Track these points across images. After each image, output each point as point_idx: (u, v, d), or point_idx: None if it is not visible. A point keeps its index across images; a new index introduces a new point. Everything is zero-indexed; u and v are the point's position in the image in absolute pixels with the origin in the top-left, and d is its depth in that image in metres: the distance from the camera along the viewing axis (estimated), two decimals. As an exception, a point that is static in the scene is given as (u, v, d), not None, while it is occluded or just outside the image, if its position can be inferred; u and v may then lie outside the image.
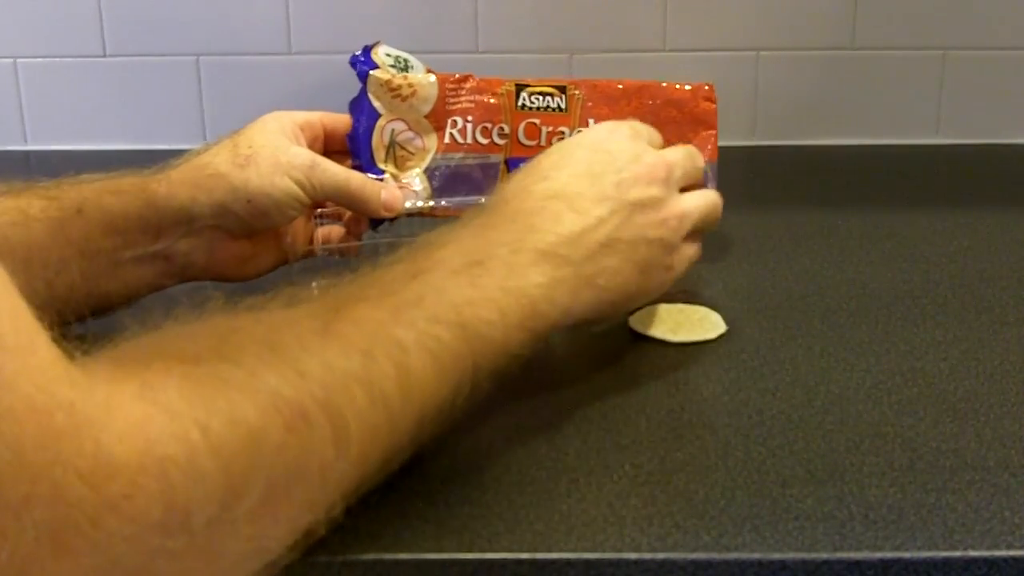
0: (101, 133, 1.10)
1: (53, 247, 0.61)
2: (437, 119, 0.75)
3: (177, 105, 1.10)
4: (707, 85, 0.79)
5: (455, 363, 0.48)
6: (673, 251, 0.60)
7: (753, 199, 0.93)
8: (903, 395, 0.59)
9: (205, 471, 0.36)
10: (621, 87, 0.77)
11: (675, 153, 0.62)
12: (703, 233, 0.64)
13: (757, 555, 0.46)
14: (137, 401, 0.36)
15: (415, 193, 0.74)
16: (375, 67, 0.74)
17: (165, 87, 1.09)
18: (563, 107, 0.76)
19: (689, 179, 0.62)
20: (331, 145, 0.73)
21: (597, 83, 0.77)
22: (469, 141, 0.76)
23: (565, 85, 0.77)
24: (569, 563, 0.46)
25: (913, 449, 0.54)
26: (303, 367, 0.42)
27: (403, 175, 0.75)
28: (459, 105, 0.75)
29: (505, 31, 1.07)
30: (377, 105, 0.74)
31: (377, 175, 0.74)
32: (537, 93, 0.76)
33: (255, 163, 0.66)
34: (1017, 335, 0.67)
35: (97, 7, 1.07)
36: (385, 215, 0.71)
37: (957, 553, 0.46)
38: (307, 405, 0.41)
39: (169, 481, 0.35)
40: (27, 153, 1.11)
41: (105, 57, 1.08)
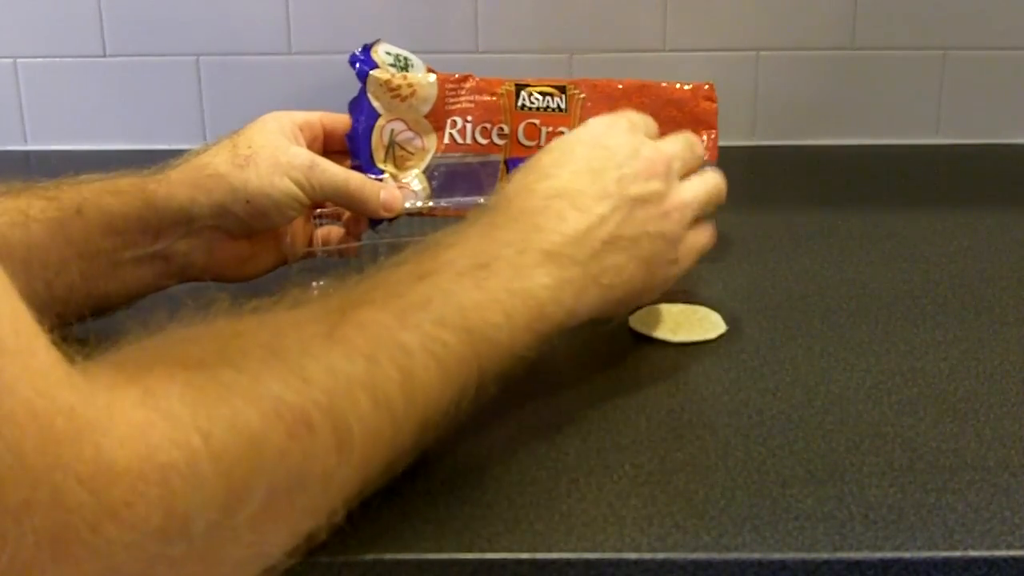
0: (101, 133, 1.10)
1: (52, 248, 0.61)
2: (437, 119, 0.75)
3: (177, 105, 1.10)
4: (707, 85, 0.79)
5: (460, 367, 0.48)
6: (678, 244, 0.60)
7: (753, 199, 0.93)
8: (903, 395, 0.59)
9: (206, 478, 0.36)
10: (621, 87, 0.77)
11: (673, 144, 0.62)
12: (712, 215, 0.63)
13: (757, 555, 0.46)
14: (138, 407, 0.36)
15: (414, 193, 0.74)
16: (375, 66, 0.74)
17: (165, 87, 1.09)
18: (563, 107, 0.76)
19: (688, 168, 0.62)
20: (330, 145, 0.73)
21: (597, 83, 0.77)
22: (469, 141, 0.76)
23: (565, 85, 0.77)
24: (569, 563, 0.46)
25: (913, 449, 0.54)
26: (307, 372, 0.42)
27: (402, 175, 0.75)
28: (459, 105, 0.75)
29: (505, 31, 1.07)
30: (376, 105, 0.74)
31: (376, 175, 0.74)
32: (537, 93, 0.76)
33: (254, 163, 0.66)
34: (1017, 335, 0.67)
35: (97, 7, 1.07)
36: (384, 215, 0.70)
37: (957, 553, 0.46)
38: (310, 411, 0.41)
39: (170, 488, 0.35)
40: (27, 153, 1.11)
41: (105, 57, 1.08)
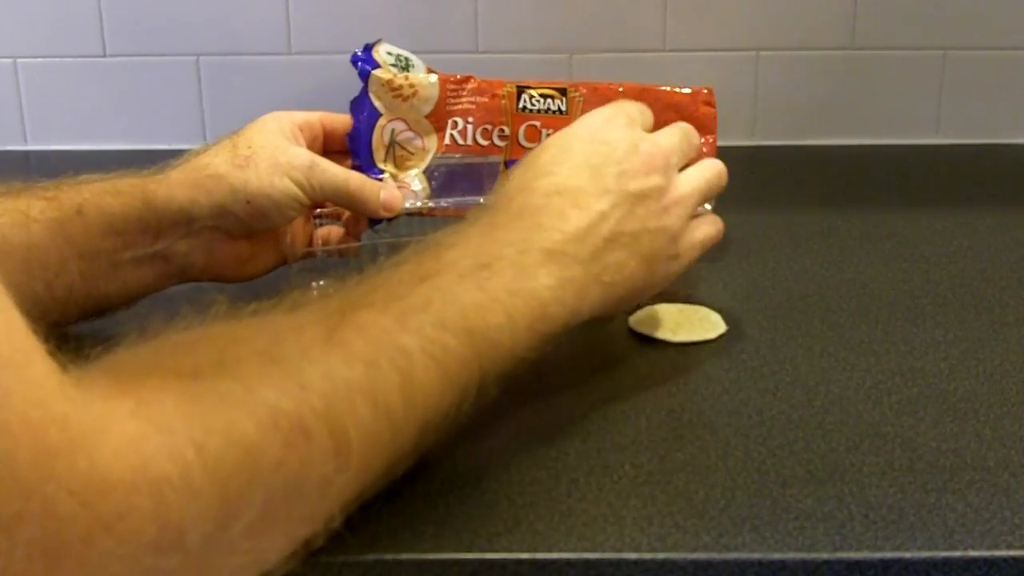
0: (101, 133, 1.10)
1: (52, 248, 0.61)
2: (437, 119, 0.75)
3: (177, 105, 1.10)
4: (706, 89, 0.79)
5: (461, 370, 0.48)
6: (678, 238, 0.60)
7: (753, 199, 0.93)
8: (903, 395, 0.59)
9: (200, 490, 0.36)
10: (621, 90, 0.77)
11: (671, 137, 0.61)
12: (714, 203, 0.63)
13: (757, 555, 0.46)
14: (132, 419, 0.36)
15: (414, 193, 0.74)
16: (376, 66, 0.74)
17: (165, 87, 1.09)
18: (564, 109, 0.76)
19: (686, 159, 0.62)
20: (330, 145, 0.73)
21: (598, 86, 0.77)
22: (469, 142, 0.76)
23: (566, 87, 0.77)
24: (569, 563, 0.46)
25: (913, 449, 0.54)
26: (304, 379, 0.41)
27: (402, 175, 0.75)
28: (460, 106, 0.75)
29: (505, 31, 1.07)
30: (378, 105, 0.74)
31: (376, 175, 0.74)
32: (538, 95, 0.76)
33: (254, 164, 0.66)
34: (1017, 335, 0.67)
35: (97, 7, 1.07)
36: (384, 215, 0.70)
37: (957, 553, 0.46)
38: (307, 419, 0.40)
39: (163, 500, 0.35)
40: (27, 153, 1.11)
41: (105, 57, 1.08)
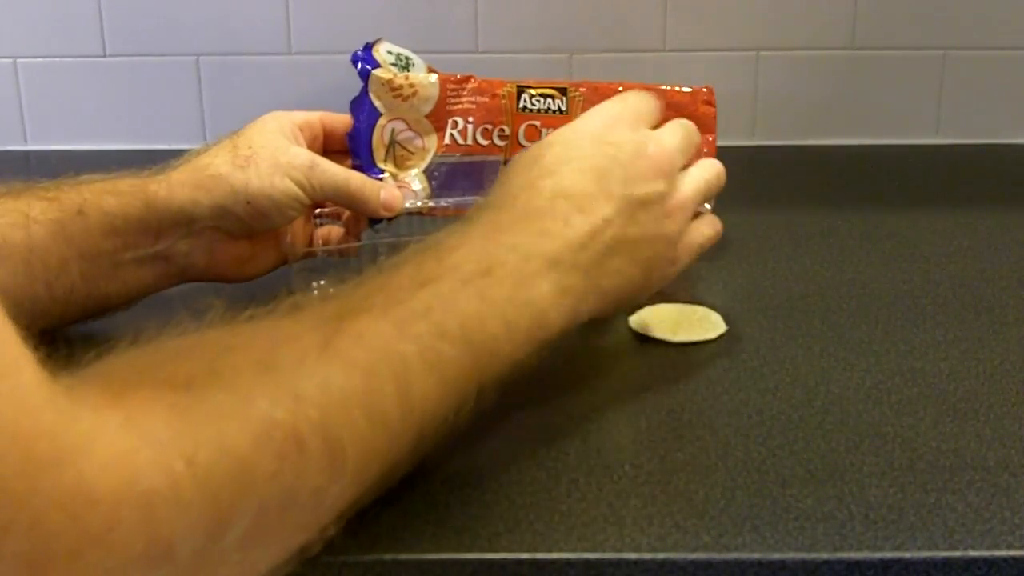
0: (101, 133, 1.10)
1: (53, 249, 0.61)
2: (438, 119, 0.76)
3: (177, 105, 1.10)
4: (706, 88, 0.79)
5: (459, 378, 0.47)
6: (677, 243, 0.59)
7: (753, 199, 0.93)
8: (903, 395, 0.59)
9: (190, 502, 0.36)
10: (621, 89, 0.77)
11: (674, 136, 0.60)
12: (712, 203, 0.63)
13: (757, 555, 0.46)
14: (121, 431, 0.35)
15: (414, 193, 0.74)
16: (376, 65, 0.74)
17: (165, 87, 1.09)
18: (564, 109, 0.76)
19: (688, 158, 0.61)
20: (330, 145, 0.73)
21: (598, 85, 0.77)
22: (469, 142, 0.76)
23: (566, 87, 0.77)
24: (569, 563, 0.46)
25: (913, 449, 0.54)
26: (299, 389, 0.41)
27: (402, 174, 0.75)
28: (460, 106, 0.76)
29: (505, 31, 1.07)
30: (378, 104, 0.74)
31: (376, 175, 0.74)
32: (538, 95, 0.76)
33: (255, 164, 0.65)
34: (1017, 335, 0.67)
35: (97, 7, 1.07)
36: (384, 215, 0.70)
37: (957, 553, 0.46)
38: (302, 431, 0.40)
39: (152, 513, 0.35)
40: (27, 153, 1.11)
41: (105, 57, 1.08)
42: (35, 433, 0.33)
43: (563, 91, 0.77)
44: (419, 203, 0.73)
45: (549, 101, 0.76)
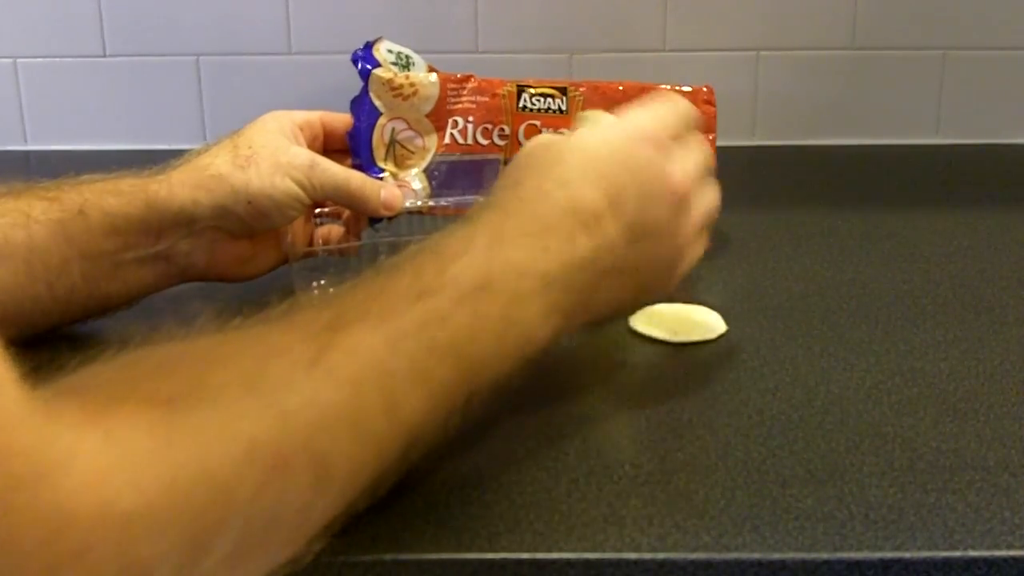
0: (101, 133, 1.10)
1: (54, 249, 0.61)
2: (438, 119, 0.76)
3: (177, 105, 1.10)
4: (706, 88, 0.79)
5: (448, 395, 0.47)
6: (674, 269, 0.59)
7: (753, 199, 0.93)
8: (903, 395, 0.59)
9: (168, 525, 0.35)
10: (621, 89, 0.77)
11: (697, 165, 0.58)
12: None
13: (757, 555, 0.46)
14: (100, 451, 0.35)
15: (414, 192, 0.74)
16: (377, 64, 0.74)
17: (165, 87, 1.09)
18: (564, 109, 0.76)
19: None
20: (330, 144, 0.73)
21: (598, 85, 0.77)
22: (470, 141, 0.76)
23: (566, 87, 0.77)
24: (569, 563, 0.46)
25: (913, 449, 0.54)
26: (286, 407, 0.41)
27: (403, 174, 0.75)
28: (460, 105, 0.76)
29: (505, 31, 1.07)
30: (378, 104, 0.74)
31: (376, 174, 0.74)
32: (538, 95, 0.76)
33: (255, 164, 0.65)
34: (1017, 335, 0.67)
35: (97, 7, 1.07)
36: (385, 214, 0.70)
37: (957, 553, 0.46)
38: (286, 450, 0.40)
39: (129, 536, 0.34)
40: (27, 153, 1.11)
41: (105, 57, 1.09)
42: (11, 451, 0.32)
43: (563, 91, 0.77)
44: (419, 202, 0.73)
45: (549, 100, 0.77)
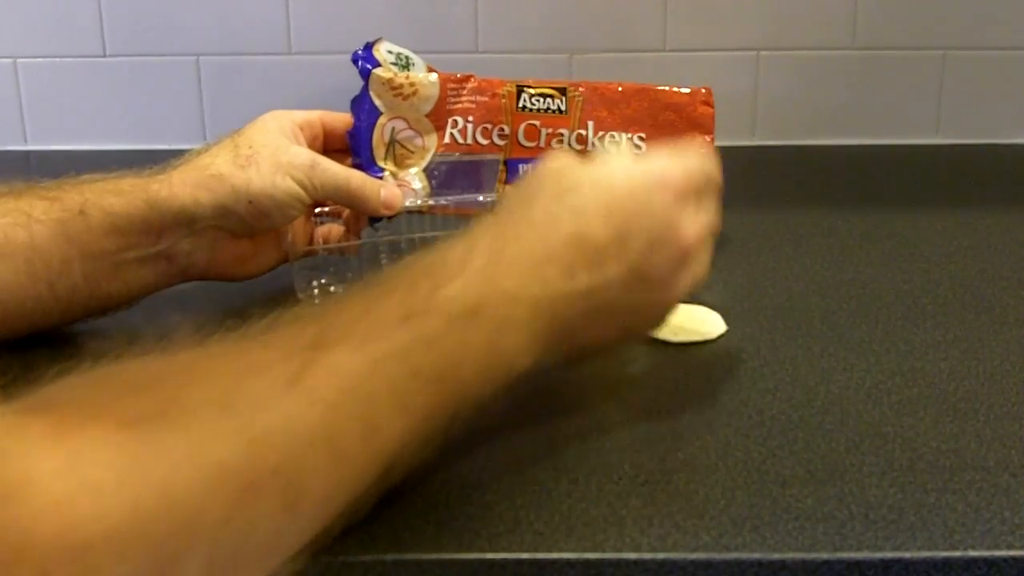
0: (101, 133, 1.10)
1: (55, 249, 0.61)
2: (438, 118, 0.76)
3: (177, 105, 1.10)
4: (704, 89, 0.79)
5: (429, 419, 0.47)
6: (662, 315, 0.58)
7: (753, 199, 0.93)
8: (903, 395, 0.59)
9: (128, 552, 0.35)
10: (620, 89, 0.78)
11: (709, 224, 0.57)
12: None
13: (757, 555, 0.46)
14: (62, 475, 0.34)
15: (414, 191, 0.74)
16: (377, 64, 0.74)
17: (165, 87, 1.09)
18: (563, 109, 0.76)
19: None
20: (330, 144, 0.73)
21: (597, 85, 0.77)
22: (469, 141, 0.76)
23: (565, 87, 0.77)
24: (569, 563, 0.46)
25: (913, 449, 0.54)
26: (260, 431, 0.40)
27: (403, 173, 0.75)
28: (460, 105, 0.76)
29: (505, 31, 1.07)
30: (378, 103, 0.75)
31: (376, 173, 0.74)
32: (538, 95, 0.76)
33: (256, 163, 0.66)
34: (1017, 335, 0.67)
35: (97, 7, 1.07)
36: (385, 213, 0.71)
37: (957, 553, 0.46)
38: (257, 475, 0.39)
39: (88, 563, 0.34)
40: (27, 153, 1.11)
41: (105, 57, 1.09)
42: None
43: (562, 91, 0.77)
44: (419, 202, 0.73)
45: (548, 101, 0.77)
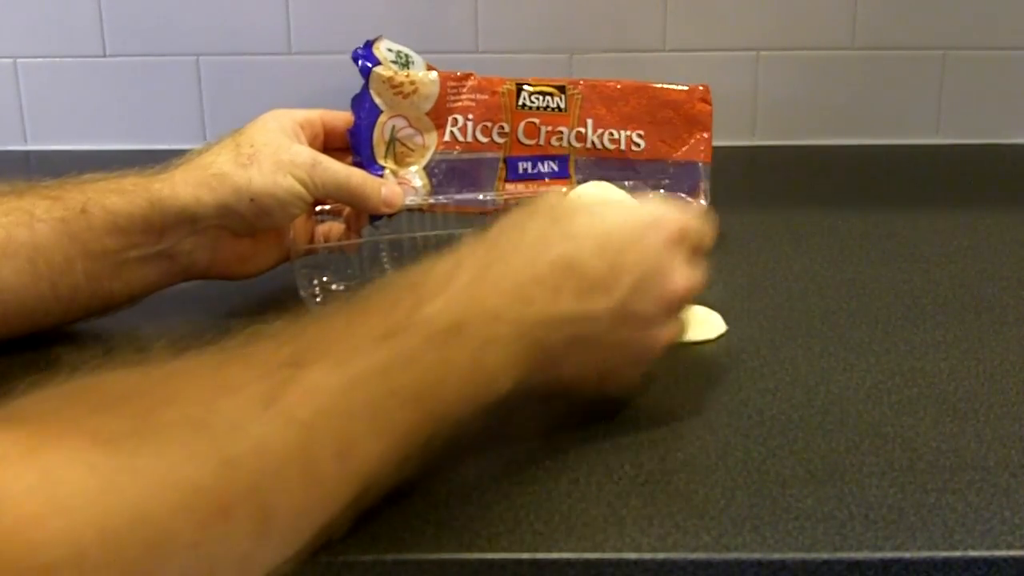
0: (101, 133, 1.10)
1: (57, 247, 0.61)
2: (438, 116, 0.76)
3: (177, 105, 1.10)
4: (702, 86, 0.79)
5: (407, 439, 0.46)
6: (642, 364, 0.57)
7: (753, 199, 0.93)
8: (903, 395, 0.59)
9: (99, 574, 0.34)
10: (619, 87, 0.78)
11: (694, 284, 0.56)
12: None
13: (757, 555, 0.46)
14: (32, 495, 0.34)
15: (415, 189, 0.74)
16: (377, 63, 0.74)
17: (165, 87, 1.09)
18: (562, 107, 0.76)
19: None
20: (331, 142, 0.74)
21: (596, 83, 0.78)
22: (469, 139, 0.76)
23: (565, 85, 0.77)
24: (569, 563, 0.46)
25: (913, 449, 0.54)
26: (233, 451, 0.40)
27: (403, 171, 0.75)
28: (460, 103, 0.76)
29: (505, 31, 1.07)
30: (379, 101, 0.75)
31: (377, 171, 0.74)
32: (537, 93, 0.76)
33: (257, 162, 0.66)
34: (1017, 335, 0.67)
35: (97, 7, 1.07)
36: (385, 211, 0.71)
37: (957, 553, 0.46)
38: (229, 498, 0.39)
39: None
40: (27, 153, 1.11)
41: (105, 57, 1.09)
42: None
43: (562, 89, 0.77)
44: (419, 200, 0.73)
45: (548, 99, 0.77)
